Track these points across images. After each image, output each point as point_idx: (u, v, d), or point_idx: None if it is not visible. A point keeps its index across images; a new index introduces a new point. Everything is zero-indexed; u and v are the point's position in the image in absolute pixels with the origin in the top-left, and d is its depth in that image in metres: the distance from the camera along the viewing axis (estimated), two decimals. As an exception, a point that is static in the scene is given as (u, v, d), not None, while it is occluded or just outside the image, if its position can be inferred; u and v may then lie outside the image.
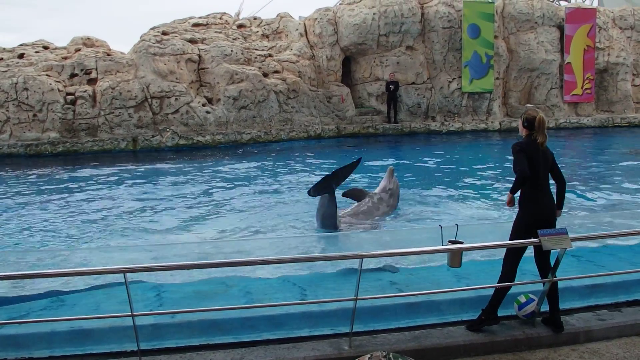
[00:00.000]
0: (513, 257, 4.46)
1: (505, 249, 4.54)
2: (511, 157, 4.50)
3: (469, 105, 21.06)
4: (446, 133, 20.01)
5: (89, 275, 5.01)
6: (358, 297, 4.06)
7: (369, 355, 2.92)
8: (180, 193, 10.70)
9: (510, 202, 4.52)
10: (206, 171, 13.16)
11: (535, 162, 4.39)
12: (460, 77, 20.74)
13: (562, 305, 4.65)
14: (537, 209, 4.40)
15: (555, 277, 4.41)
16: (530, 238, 4.35)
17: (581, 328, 4.54)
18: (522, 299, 4.58)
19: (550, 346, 4.37)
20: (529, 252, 4.60)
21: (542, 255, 4.49)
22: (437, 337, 4.38)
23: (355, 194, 8.76)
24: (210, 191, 10.90)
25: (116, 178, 12.47)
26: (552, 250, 4.40)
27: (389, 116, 20.19)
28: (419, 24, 20.41)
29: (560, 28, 22.16)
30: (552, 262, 4.48)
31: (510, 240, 4.47)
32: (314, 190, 7.44)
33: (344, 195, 8.75)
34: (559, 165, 4.65)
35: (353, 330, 4.20)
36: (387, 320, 4.66)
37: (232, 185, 11.41)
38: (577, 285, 5.15)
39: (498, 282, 4.47)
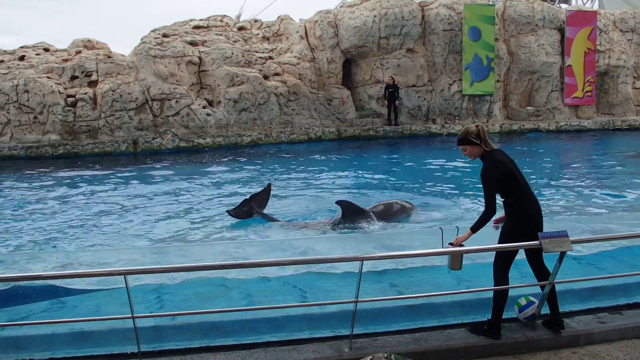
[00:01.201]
0: (505, 263, 4.38)
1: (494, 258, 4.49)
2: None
3: (470, 108, 21.08)
4: (447, 135, 20.01)
5: (89, 277, 5.01)
6: (358, 300, 4.06)
7: (370, 357, 2.92)
8: (181, 195, 10.70)
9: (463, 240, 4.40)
10: (207, 173, 13.16)
11: (512, 174, 4.30)
12: (460, 79, 20.74)
13: (563, 308, 4.65)
14: (528, 216, 4.36)
15: (555, 279, 4.41)
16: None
17: (582, 331, 4.53)
18: (523, 302, 4.57)
19: (550, 349, 4.36)
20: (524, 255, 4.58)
21: (536, 259, 4.48)
22: (437, 339, 4.37)
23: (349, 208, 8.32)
24: (211, 193, 10.90)
25: (117, 180, 12.47)
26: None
27: (389, 119, 20.20)
28: (420, 26, 20.44)
29: (561, 31, 22.18)
30: (550, 264, 4.47)
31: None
32: (234, 212, 8.56)
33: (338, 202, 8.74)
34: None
35: (353, 333, 4.20)
36: (387, 322, 4.65)
37: (233, 187, 11.41)
38: (577, 288, 5.15)
39: (493, 292, 4.43)
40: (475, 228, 4.33)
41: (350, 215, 7.88)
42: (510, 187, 4.34)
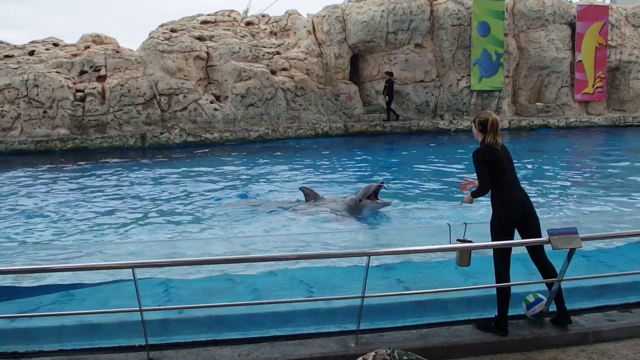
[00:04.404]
0: (502, 259, 4.37)
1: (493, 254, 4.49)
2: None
3: (478, 104, 20.95)
4: (455, 131, 19.92)
5: (97, 270, 5.04)
6: (365, 295, 4.05)
7: (373, 353, 2.90)
8: (188, 190, 10.73)
9: (469, 201, 4.64)
10: (214, 168, 13.18)
11: (500, 163, 4.36)
12: (469, 75, 20.63)
13: (572, 306, 4.62)
14: (510, 208, 4.36)
15: (564, 277, 4.38)
16: (510, 238, 4.36)
17: (590, 328, 4.50)
18: (531, 299, 4.54)
19: (558, 346, 4.33)
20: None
21: (537, 255, 4.45)
22: (444, 335, 4.36)
23: (308, 194, 9.14)
24: (218, 187, 10.93)
25: (125, 175, 12.53)
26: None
27: (388, 115, 19.90)
28: (428, 21, 20.32)
29: (572, 25, 21.97)
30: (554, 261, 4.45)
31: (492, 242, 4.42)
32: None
33: (300, 189, 9.46)
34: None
35: (360, 328, 4.20)
36: (394, 318, 4.64)
37: (239, 182, 11.44)
38: (586, 286, 5.11)
39: (497, 289, 4.41)
40: (474, 194, 4.57)
41: (312, 198, 8.94)
42: (493, 174, 4.36)
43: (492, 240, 4.39)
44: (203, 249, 6.21)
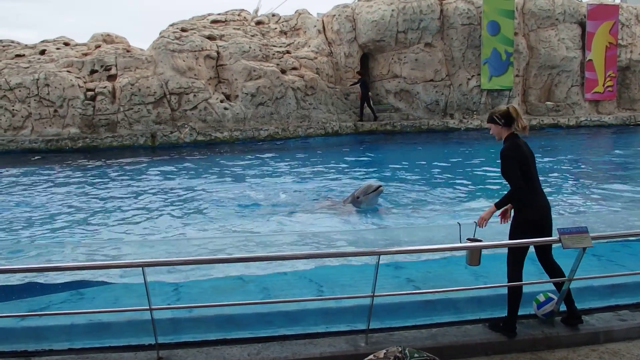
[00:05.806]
0: (515, 259, 4.32)
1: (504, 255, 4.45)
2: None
3: (488, 103, 20.84)
4: (465, 130, 19.84)
5: (107, 268, 5.07)
6: (375, 294, 4.04)
7: (384, 351, 2.90)
8: (198, 188, 10.77)
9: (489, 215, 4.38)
10: (224, 167, 13.22)
11: (527, 163, 4.26)
12: (479, 74, 20.53)
13: (582, 305, 4.58)
14: (537, 214, 4.29)
15: (574, 276, 4.34)
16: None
17: (601, 328, 4.47)
18: (541, 298, 4.52)
19: (569, 346, 4.31)
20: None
21: (545, 255, 4.41)
22: (454, 335, 4.34)
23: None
24: (227, 187, 10.95)
25: (135, 173, 12.59)
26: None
27: (361, 115, 19.55)
28: (438, 20, 20.25)
29: (582, 25, 21.80)
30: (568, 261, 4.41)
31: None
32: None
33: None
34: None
35: (370, 327, 4.19)
36: (404, 317, 4.63)
37: (248, 181, 11.45)
38: (597, 285, 5.08)
39: (508, 290, 4.37)
40: (499, 204, 4.33)
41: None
42: (522, 176, 4.25)
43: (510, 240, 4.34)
44: (213, 247, 6.23)
